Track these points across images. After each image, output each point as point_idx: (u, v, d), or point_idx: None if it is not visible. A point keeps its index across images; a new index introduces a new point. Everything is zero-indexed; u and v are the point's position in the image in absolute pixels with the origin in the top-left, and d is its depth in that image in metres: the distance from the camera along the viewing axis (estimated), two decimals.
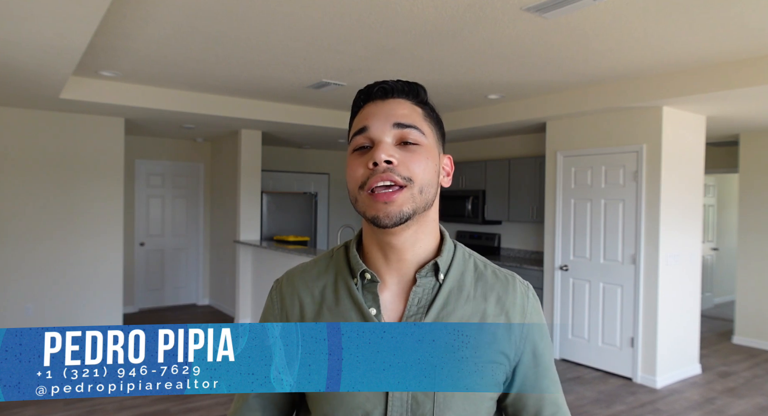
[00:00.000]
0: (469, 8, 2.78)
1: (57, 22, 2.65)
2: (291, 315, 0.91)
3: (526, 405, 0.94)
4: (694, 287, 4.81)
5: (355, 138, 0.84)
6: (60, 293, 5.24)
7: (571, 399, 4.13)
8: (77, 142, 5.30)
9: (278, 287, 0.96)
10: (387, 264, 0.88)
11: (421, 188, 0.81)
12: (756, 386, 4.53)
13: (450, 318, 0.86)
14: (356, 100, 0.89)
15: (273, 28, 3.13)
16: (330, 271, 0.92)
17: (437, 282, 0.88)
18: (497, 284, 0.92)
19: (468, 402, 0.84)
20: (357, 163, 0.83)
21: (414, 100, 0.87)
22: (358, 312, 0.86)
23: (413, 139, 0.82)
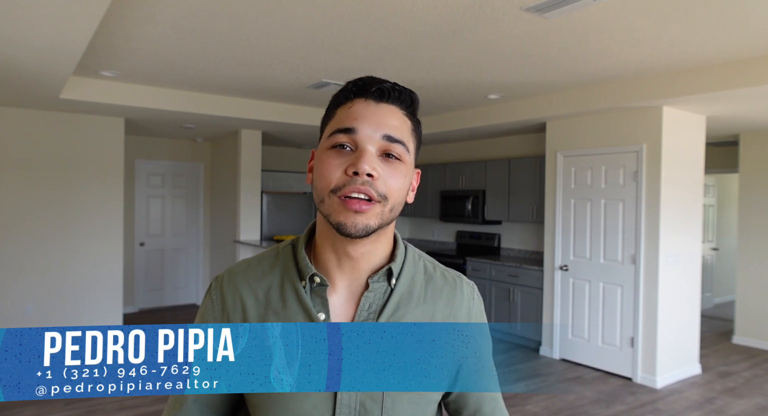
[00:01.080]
0: (469, 8, 2.78)
1: (57, 22, 2.65)
2: (232, 317, 0.86)
3: (468, 403, 0.95)
4: (694, 287, 4.81)
5: (338, 135, 0.79)
6: (60, 293, 5.24)
7: (571, 399, 4.13)
8: (77, 142, 5.30)
9: (218, 286, 0.90)
10: (339, 268, 0.85)
11: (393, 207, 0.80)
12: (756, 386, 4.53)
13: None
14: (345, 91, 0.84)
15: (273, 28, 3.13)
16: (275, 271, 0.88)
17: (389, 286, 0.86)
18: (446, 286, 0.92)
19: (415, 407, 0.84)
20: (334, 164, 0.78)
21: (406, 110, 0.84)
22: (305, 316, 0.82)
23: (397, 154, 0.80)
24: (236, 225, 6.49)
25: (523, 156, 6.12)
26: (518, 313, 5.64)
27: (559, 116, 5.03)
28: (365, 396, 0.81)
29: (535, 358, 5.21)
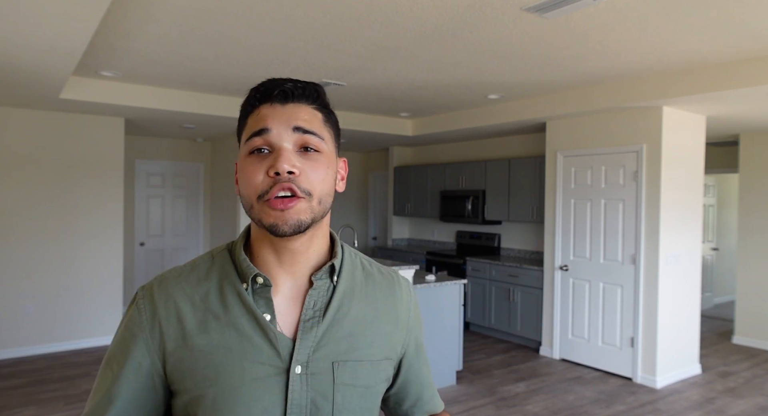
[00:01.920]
0: (469, 8, 2.78)
1: (57, 22, 2.65)
2: (166, 325, 0.81)
3: (409, 393, 0.98)
4: (693, 287, 4.81)
5: (253, 139, 0.79)
6: (60, 293, 5.24)
7: (571, 399, 4.13)
8: (77, 142, 5.30)
9: (147, 295, 0.84)
10: (280, 268, 0.84)
11: (320, 199, 0.80)
12: (756, 386, 4.53)
13: (346, 319, 0.85)
14: (250, 99, 0.84)
15: (273, 28, 3.13)
16: (212, 277, 0.85)
17: (332, 284, 0.87)
18: (384, 282, 0.94)
19: (364, 400, 0.85)
20: (255, 169, 0.78)
21: (314, 104, 0.83)
22: (251, 318, 0.80)
23: (314, 146, 0.80)
24: (236, 225, 6.49)
25: (523, 156, 6.12)
26: (518, 313, 5.64)
27: (559, 116, 5.03)
28: (315, 393, 0.80)
29: (535, 358, 5.21)
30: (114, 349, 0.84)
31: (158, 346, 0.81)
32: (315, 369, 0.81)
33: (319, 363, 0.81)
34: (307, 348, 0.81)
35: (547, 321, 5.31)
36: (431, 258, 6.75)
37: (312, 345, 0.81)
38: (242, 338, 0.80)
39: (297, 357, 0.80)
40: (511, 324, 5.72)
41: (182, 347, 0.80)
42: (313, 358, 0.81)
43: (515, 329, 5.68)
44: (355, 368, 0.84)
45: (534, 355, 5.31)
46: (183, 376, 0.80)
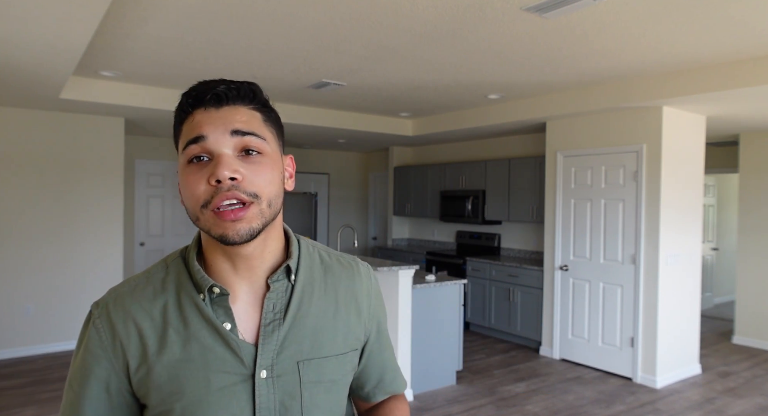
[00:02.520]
0: (469, 8, 2.78)
1: (57, 22, 2.65)
2: (127, 343, 0.80)
3: (371, 376, 0.98)
4: (694, 287, 4.81)
5: (190, 147, 0.76)
6: (60, 293, 5.24)
7: (571, 399, 4.13)
8: (77, 142, 5.30)
9: (103, 314, 0.82)
10: (236, 274, 0.82)
11: (269, 202, 0.77)
12: (756, 386, 4.53)
13: (307, 318, 0.85)
14: (183, 105, 0.80)
15: (273, 28, 3.13)
16: (169, 289, 0.83)
17: (289, 283, 0.85)
18: (343, 272, 0.93)
19: (331, 395, 0.86)
20: (196, 178, 0.75)
21: (251, 104, 0.80)
22: (211, 329, 0.79)
23: (255, 147, 0.77)
24: None
25: (523, 156, 6.12)
26: (518, 313, 5.64)
27: (559, 116, 5.03)
28: (283, 394, 0.81)
29: (535, 358, 5.21)
30: (76, 370, 0.82)
31: (122, 364, 0.80)
32: (280, 370, 0.81)
33: (284, 364, 0.81)
34: (270, 352, 0.81)
35: (547, 321, 5.31)
36: (431, 258, 6.75)
37: (275, 348, 0.81)
38: (204, 350, 0.79)
39: (261, 362, 0.80)
40: (511, 324, 5.72)
41: (144, 364, 0.79)
42: (278, 361, 0.81)
43: (515, 329, 5.68)
44: (320, 365, 0.84)
45: (534, 355, 5.31)
46: (149, 392, 0.79)
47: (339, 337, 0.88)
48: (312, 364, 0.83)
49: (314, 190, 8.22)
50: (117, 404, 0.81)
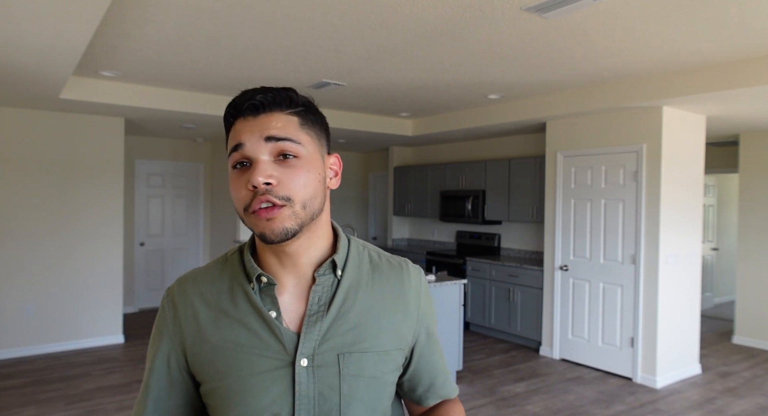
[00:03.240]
0: (469, 8, 2.78)
1: (57, 22, 2.65)
2: (185, 323, 0.90)
3: (422, 379, 1.00)
4: (694, 287, 4.81)
5: (232, 155, 0.83)
6: (60, 293, 5.24)
7: (571, 399, 4.13)
8: (77, 142, 5.30)
9: (169, 295, 0.93)
10: (282, 268, 0.88)
11: (304, 204, 0.81)
12: (756, 386, 4.53)
13: (351, 312, 0.88)
14: (226, 115, 0.87)
15: (273, 28, 3.13)
16: (224, 277, 0.91)
17: (335, 278, 0.89)
18: (392, 272, 0.95)
19: (372, 391, 0.87)
20: (238, 183, 0.82)
21: (287, 110, 0.84)
22: (257, 315, 0.86)
23: (291, 152, 0.81)
24: (236, 225, 6.49)
25: (523, 156, 6.12)
26: (518, 313, 5.64)
27: (559, 116, 5.03)
28: (323, 385, 0.84)
29: (535, 358, 5.21)
30: (149, 345, 0.94)
31: (180, 342, 0.90)
32: (321, 361, 0.84)
33: (325, 355, 0.85)
34: (311, 341, 0.85)
35: (547, 321, 5.31)
36: (431, 258, 6.75)
37: (317, 339, 0.85)
38: (250, 334, 0.85)
39: (302, 350, 0.84)
40: (511, 324, 5.72)
41: (199, 342, 0.88)
42: (319, 351, 0.85)
43: (515, 329, 5.68)
44: (360, 359, 0.86)
45: (534, 355, 5.31)
46: (201, 369, 0.88)
47: (383, 334, 0.89)
48: (352, 358, 0.86)
49: None
50: (176, 379, 0.91)
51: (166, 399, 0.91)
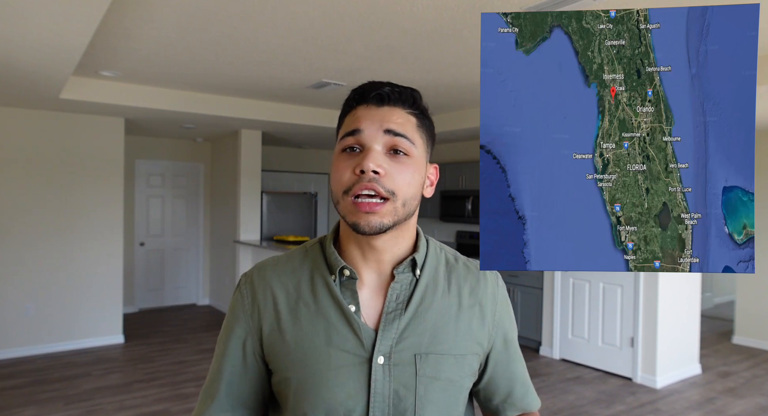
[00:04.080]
0: (469, 8, 2.78)
1: (57, 22, 2.65)
2: (263, 309, 0.89)
3: (499, 388, 0.97)
4: (693, 287, 4.81)
5: (346, 138, 0.83)
6: (60, 293, 5.24)
7: (571, 399, 4.13)
8: (77, 142, 5.30)
9: (248, 281, 0.93)
10: (365, 262, 0.88)
11: (404, 202, 0.82)
12: (756, 386, 4.53)
13: (428, 312, 0.87)
14: (349, 100, 0.88)
15: (273, 28, 3.13)
16: (305, 267, 0.91)
17: (414, 277, 0.89)
18: (469, 275, 0.94)
19: (447, 394, 0.86)
20: (344, 166, 0.82)
21: (409, 109, 0.86)
22: (337, 309, 0.85)
23: (404, 149, 0.82)
24: (236, 225, 6.49)
25: None
26: (518, 313, 5.64)
27: None
28: (398, 384, 0.83)
29: (535, 358, 5.21)
30: (223, 329, 0.93)
31: (257, 328, 0.89)
32: (397, 360, 0.84)
33: (402, 354, 0.84)
34: (389, 339, 0.84)
35: (547, 321, 5.31)
36: None
37: (394, 337, 0.84)
38: (329, 326, 0.85)
39: (379, 348, 0.83)
40: None
41: (276, 331, 0.87)
42: (396, 350, 0.84)
43: None
44: (437, 361, 0.85)
45: (534, 355, 5.31)
46: (276, 358, 0.87)
47: (459, 338, 0.88)
48: (429, 359, 0.85)
49: (314, 190, 8.22)
50: (250, 364, 0.90)
51: (237, 385, 0.90)
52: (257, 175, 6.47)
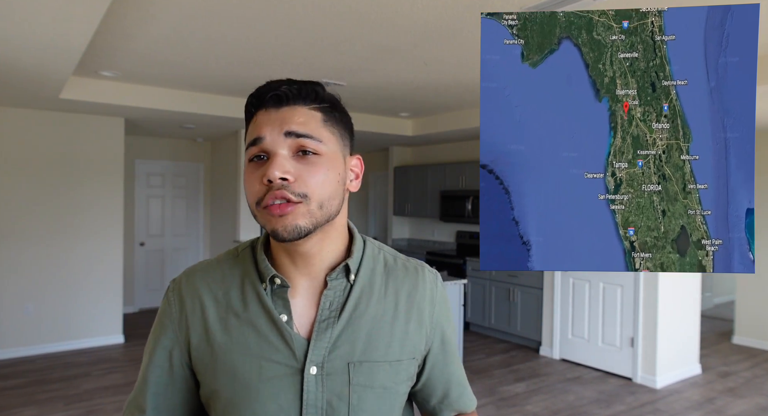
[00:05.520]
0: (469, 8, 2.78)
1: (57, 22, 2.65)
2: (191, 318, 0.85)
3: (435, 390, 0.95)
4: (693, 287, 4.81)
5: (250, 149, 0.79)
6: (60, 293, 5.24)
7: (571, 399, 4.13)
8: (77, 142, 5.30)
9: (176, 288, 0.89)
10: (296, 269, 0.85)
11: (321, 203, 0.77)
12: (756, 386, 4.53)
13: (362, 319, 0.84)
14: (248, 106, 0.83)
15: (273, 28, 3.13)
16: (235, 273, 0.87)
17: (348, 283, 0.86)
18: (407, 278, 0.91)
19: (381, 401, 0.84)
20: (253, 177, 0.78)
21: (312, 104, 0.81)
22: (268, 318, 0.82)
23: (311, 149, 0.77)
24: (236, 225, 6.49)
25: None
26: (518, 313, 5.64)
27: None
28: (331, 394, 0.81)
29: (535, 358, 5.21)
30: (149, 338, 0.90)
31: (185, 338, 0.86)
32: (330, 369, 0.81)
33: (335, 363, 0.82)
34: (322, 349, 0.81)
35: (547, 321, 5.31)
36: (431, 258, 6.75)
37: (327, 346, 0.82)
38: (260, 337, 0.82)
39: (312, 358, 0.81)
40: (511, 324, 5.72)
41: (204, 341, 0.84)
42: (329, 359, 0.82)
43: (515, 329, 5.68)
44: (371, 369, 0.83)
45: (534, 355, 5.31)
46: (205, 369, 0.84)
47: (395, 343, 0.86)
48: (363, 367, 0.83)
49: None
50: (177, 375, 0.87)
51: (164, 396, 0.87)
52: None
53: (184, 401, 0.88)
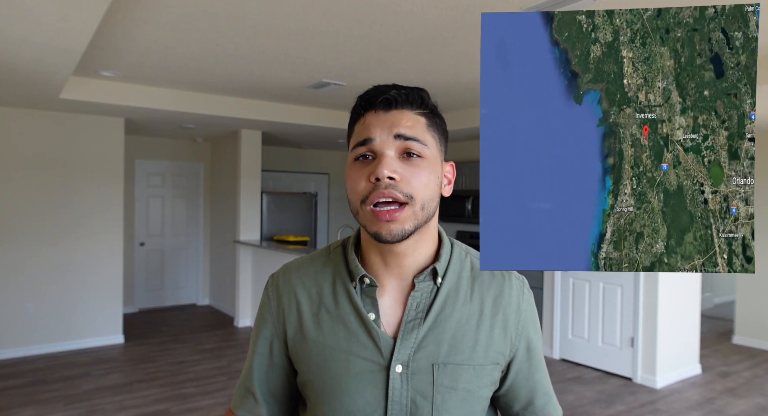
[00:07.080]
0: (469, 9, 2.78)
1: (57, 21, 2.65)
2: (287, 313, 0.91)
3: (518, 396, 0.96)
4: (694, 287, 4.81)
5: (358, 148, 0.83)
6: (60, 293, 5.24)
7: (571, 399, 4.13)
8: (77, 142, 5.30)
9: (274, 283, 0.95)
10: (386, 269, 0.88)
11: (423, 204, 0.81)
12: (756, 386, 4.53)
13: (448, 322, 0.86)
14: (357, 107, 0.87)
15: (273, 28, 3.13)
16: (327, 271, 0.92)
17: (435, 285, 0.88)
18: (493, 283, 0.92)
19: (465, 404, 0.86)
20: (358, 175, 0.81)
21: (417, 109, 0.85)
22: (357, 316, 0.86)
23: (416, 151, 0.81)
24: (236, 225, 6.49)
25: None
26: None
27: None
28: (416, 393, 0.84)
29: None
30: (253, 329, 0.97)
31: (282, 330, 0.92)
32: (415, 369, 0.84)
33: (420, 363, 0.84)
34: (407, 348, 0.84)
35: (547, 321, 5.31)
36: None
37: (413, 346, 0.85)
38: (349, 334, 0.86)
39: (397, 357, 0.84)
40: None
41: (299, 334, 0.90)
42: (414, 358, 0.84)
43: None
44: (455, 371, 0.85)
45: None
46: (299, 359, 0.90)
47: (479, 347, 0.87)
48: (447, 369, 0.85)
49: (314, 190, 8.22)
50: (276, 363, 0.94)
51: (266, 381, 0.94)
52: (257, 175, 6.47)
53: (283, 386, 0.95)
